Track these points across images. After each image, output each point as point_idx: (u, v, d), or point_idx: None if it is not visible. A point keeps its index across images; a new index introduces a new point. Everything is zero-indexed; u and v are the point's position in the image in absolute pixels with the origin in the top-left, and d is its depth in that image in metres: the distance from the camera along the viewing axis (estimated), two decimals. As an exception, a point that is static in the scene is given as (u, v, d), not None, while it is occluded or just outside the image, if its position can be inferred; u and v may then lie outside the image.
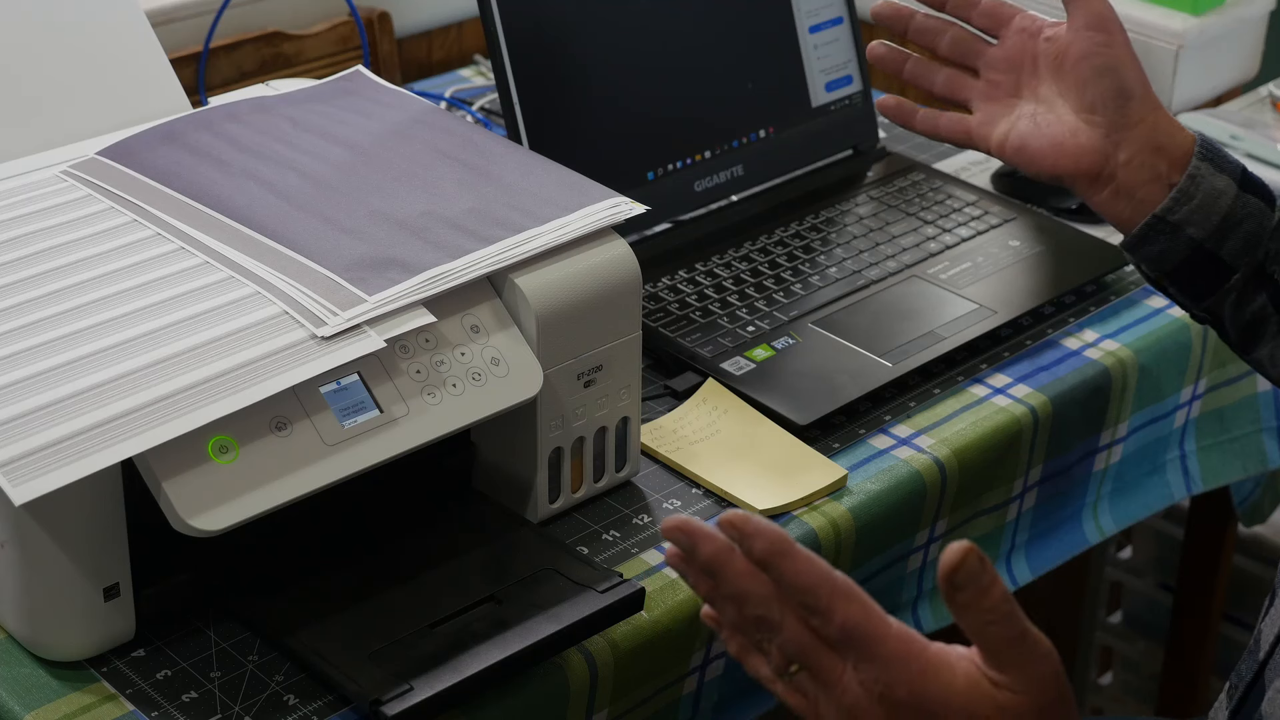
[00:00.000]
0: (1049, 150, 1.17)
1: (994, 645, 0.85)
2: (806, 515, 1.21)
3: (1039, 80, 1.19)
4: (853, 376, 1.32)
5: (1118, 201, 1.16)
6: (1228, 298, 1.15)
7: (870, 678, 0.85)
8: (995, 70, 1.21)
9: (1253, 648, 1.09)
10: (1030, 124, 1.18)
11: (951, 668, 0.86)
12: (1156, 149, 1.15)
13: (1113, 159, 1.15)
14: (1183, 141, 1.15)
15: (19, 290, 1.07)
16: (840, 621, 0.85)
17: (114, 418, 0.97)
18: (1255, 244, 1.14)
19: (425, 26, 1.84)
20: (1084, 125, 1.16)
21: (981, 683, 0.86)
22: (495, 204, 1.15)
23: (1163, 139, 1.15)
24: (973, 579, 0.84)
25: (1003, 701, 0.85)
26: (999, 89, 1.21)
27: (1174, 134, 1.16)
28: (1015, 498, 1.35)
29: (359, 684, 1.00)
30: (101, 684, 1.04)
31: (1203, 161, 1.14)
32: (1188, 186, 1.13)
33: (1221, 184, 1.14)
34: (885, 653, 0.86)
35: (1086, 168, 1.16)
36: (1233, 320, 1.17)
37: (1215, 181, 1.14)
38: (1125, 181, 1.15)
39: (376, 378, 1.05)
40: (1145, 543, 2.02)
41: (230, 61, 1.65)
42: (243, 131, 1.23)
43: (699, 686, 1.18)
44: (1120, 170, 1.15)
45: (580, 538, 1.17)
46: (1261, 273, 1.14)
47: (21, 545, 1.00)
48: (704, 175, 1.51)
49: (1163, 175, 1.15)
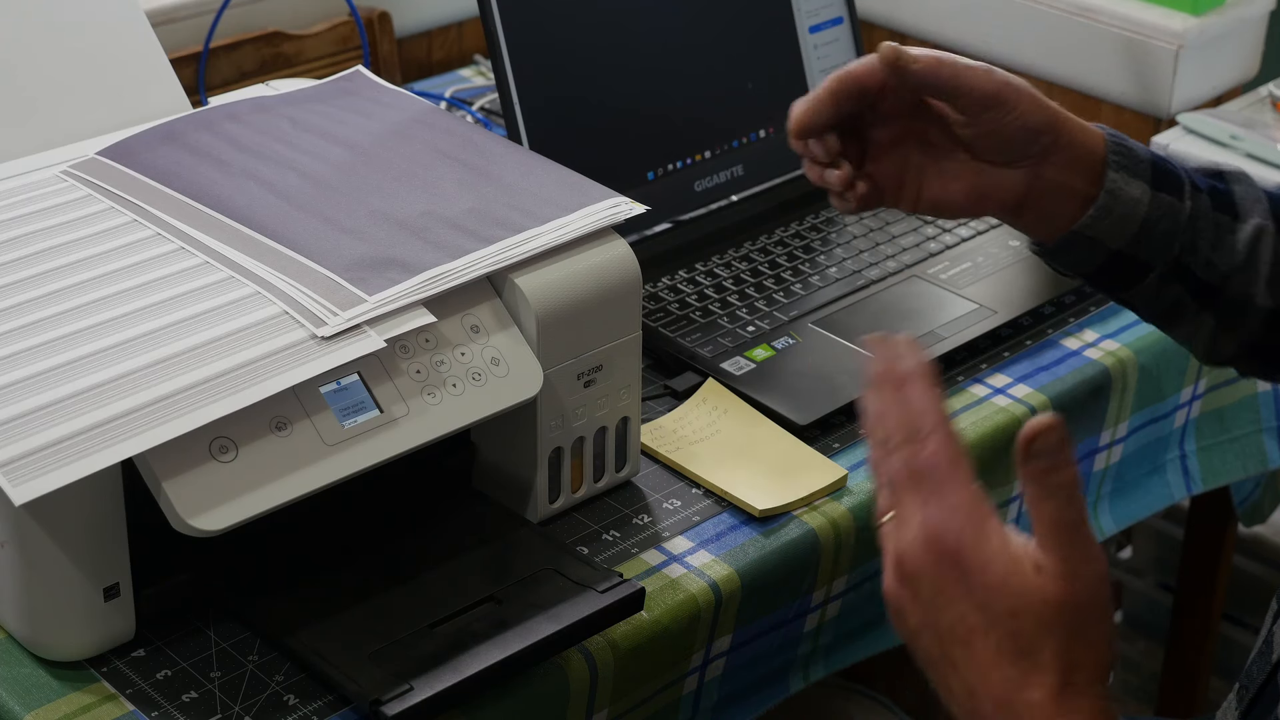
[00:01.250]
0: (968, 201, 1.13)
1: (1048, 523, 0.83)
2: (806, 515, 1.21)
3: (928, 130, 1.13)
4: (853, 376, 1.32)
5: (1036, 223, 1.14)
6: (1144, 291, 1.14)
7: (931, 517, 0.85)
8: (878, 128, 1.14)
9: (1264, 649, 1.09)
10: (938, 178, 1.13)
11: (1005, 539, 0.85)
12: (1072, 164, 1.12)
13: (1033, 189, 1.12)
14: (1095, 147, 1.12)
15: (19, 290, 1.07)
16: (929, 452, 0.86)
17: (114, 418, 0.97)
18: (1171, 241, 1.12)
19: (425, 26, 1.84)
20: (1000, 169, 1.12)
21: (1024, 563, 0.84)
22: (495, 204, 1.15)
23: (1078, 151, 1.12)
24: (1049, 452, 0.82)
25: (1039, 585, 0.84)
26: (887, 142, 1.14)
27: (1087, 143, 1.12)
28: (1015, 498, 1.35)
29: (359, 684, 1.00)
30: (101, 684, 1.04)
31: (1117, 172, 1.11)
32: (1106, 202, 1.11)
33: (1137, 191, 1.11)
34: (953, 499, 0.85)
35: (1009, 204, 1.13)
36: (1150, 307, 1.16)
37: (1130, 190, 1.11)
38: (1044, 207, 1.13)
39: (376, 378, 1.05)
40: (1145, 543, 2.02)
41: (230, 61, 1.65)
42: (243, 131, 1.23)
43: (699, 686, 1.18)
44: (1041, 197, 1.12)
45: (580, 538, 1.17)
46: (1177, 264, 1.13)
47: (21, 545, 1.00)
48: (704, 175, 1.51)
49: (1079, 190, 1.12)
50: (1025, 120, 1.10)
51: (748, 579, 1.16)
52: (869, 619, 1.29)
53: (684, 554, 1.17)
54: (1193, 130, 1.76)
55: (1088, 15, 1.83)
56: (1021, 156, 1.11)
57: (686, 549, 1.17)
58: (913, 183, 1.14)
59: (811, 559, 1.20)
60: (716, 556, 1.17)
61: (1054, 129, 1.11)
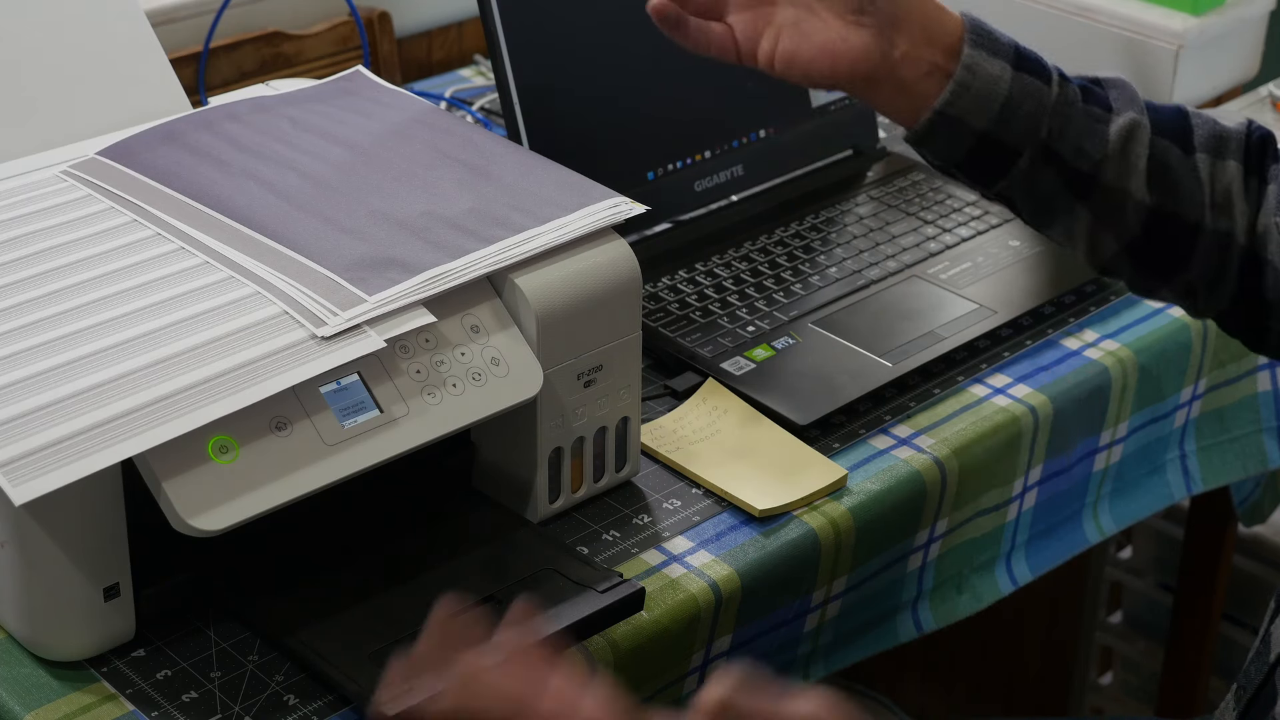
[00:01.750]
0: (821, 58, 1.13)
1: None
2: (806, 515, 1.21)
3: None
4: (853, 376, 1.32)
5: (897, 98, 1.14)
6: (1016, 179, 1.15)
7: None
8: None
9: (1261, 649, 1.09)
10: (795, 33, 1.14)
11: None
12: (929, 40, 1.12)
13: (888, 57, 1.12)
14: (953, 28, 1.13)
15: (19, 290, 1.07)
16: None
17: (114, 418, 0.97)
18: (1037, 123, 1.12)
19: (425, 26, 1.84)
20: (852, 28, 1.13)
21: None
22: (495, 204, 1.15)
23: (933, 28, 1.12)
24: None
25: None
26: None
27: (943, 21, 1.13)
28: (1015, 498, 1.35)
29: (359, 684, 1.00)
30: (101, 684, 1.04)
31: (975, 49, 1.12)
32: (964, 78, 1.11)
33: (997, 69, 1.12)
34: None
35: (863, 71, 1.13)
36: (1025, 200, 1.16)
37: (990, 67, 1.12)
38: (902, 78, 1.13)
39: (376, 378, 1.05)
40: (1145, 543, 2.02)
41: (230, 61, 1.65)
42: (243, 131, 1.23)
43: (699, 687, 1.18)
44: (896, 67, 1.13)
45: (580, 538, 1.17)
46: (1047, 150, 1.13)
47: (21, 545, 1.00)
48: (704, 175, 1.51)
49: (939, 66, 1.12)
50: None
51: (748, 579, 1.16)
52: (869, 619, 1.29)
53: (684, 554, 1.17)
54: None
55: (1088, 15, 1.83)
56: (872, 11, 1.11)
57: (686, 549, 1.17)
58: (769, 38, 1.14)
59: (811, 559, 1.20)
60: (716, 556, 1.17)
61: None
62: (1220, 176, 1.15)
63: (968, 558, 1.34)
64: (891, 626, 1.32)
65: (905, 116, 1.15)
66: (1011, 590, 1.38)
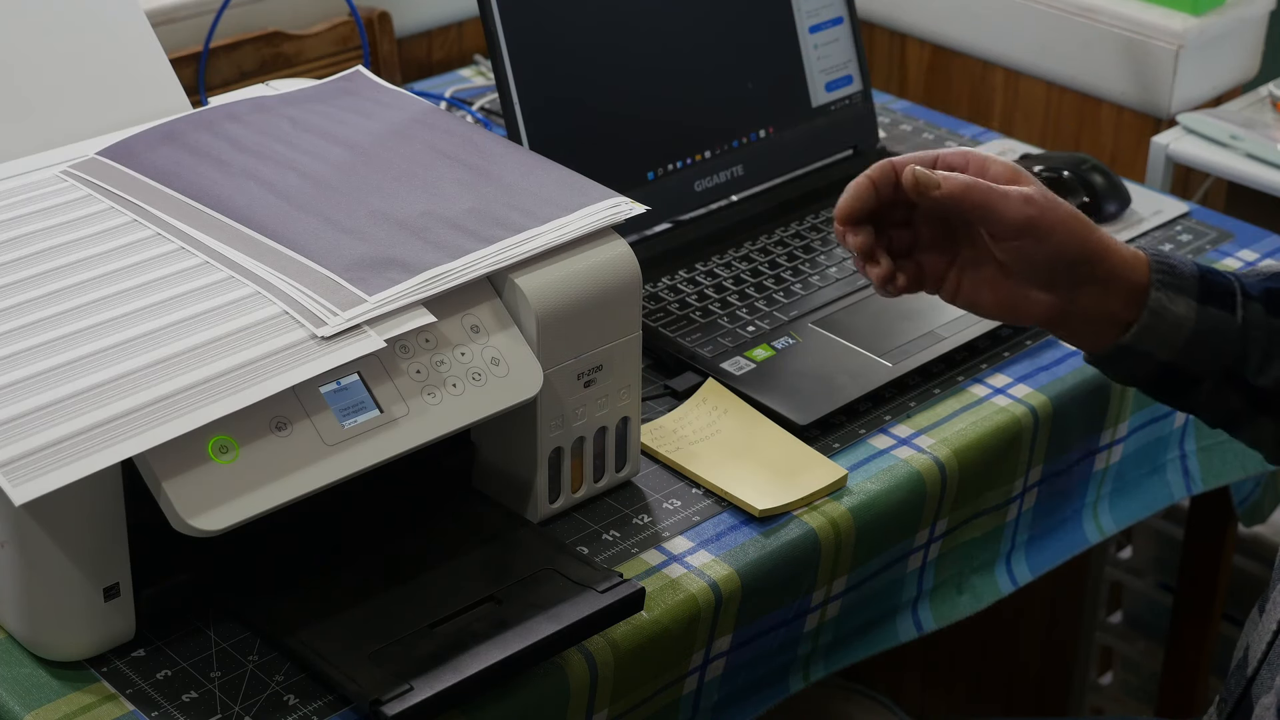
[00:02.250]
0: (1002, 313, 1.13)
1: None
2: (806, 515, 1.21)
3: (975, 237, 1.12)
4: (853, 376, 1.32)
5: (1076, 337, 1.14)
6: (1199, 401, 1.14)
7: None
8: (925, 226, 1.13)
9: (1241, 663, 1.09)
10: (977, 281, 1.12)
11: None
12: (1109, 295, 1.10)
13: (1069, 313, 1.11)
14: (1137, 279, 1.10)
15: (19, 290, 1.07)
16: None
17: (114, 418, 0.97)
18: (1220, 353, 1.12)
19: (425, 26, 1.84)
20: (1033, 289, 1.11)
21: None
22: (495, 204, 1.15)
23: (1117, 284, 1.10)
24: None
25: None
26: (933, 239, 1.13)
27: (1126, 275, 1.10)
28: (1015, 498, 1.35)
29: (359, 684, 1.00)
30: (101, 684, 1.04)
31: (1160, 291, 1.10)
32: (1150, 322, 1.10)
33: (1182, 309, 1.10)
34: None
35: (1043, 321, 1.12)
36: (1208, 414, 1.16)
37: (1176, 308, 1.10)
38: (1081, 327, 1.12)
39: (376, 378, 1.05)
40: (1145, 543, 2.01)
41: (230, 61, 1.65)
42: (243, 131, 1.23)
43: (699, 686, 1.18)
44: (1075, 319, 1.12)
45: (580, 538, 1.17)
46: (1229, 374, 1.12)
47: (21, 545, 1.00)
48: (704, 175, 1.51)
49: (1118, 314, 1.11)
50: (1060, 251, 1.08)
51: (748, 579, 1.16)
52: (869, 619, 1.29)
53: (684, 554, 1.17)
54: (1193, 130, 1.76)
55: (1088, 15, 1.83)
56: (1056, 284, 1.10)
57: (686, 549, 1.17)
58: (954, 278, 1.13)
59: (811, 559, 1.20)
60: (716, 556, 1.17)
61: (1092, 260, 1.09)
62: None
63: (968, 558, 1.34)
64: (891, 626, 1.32)
65: (1086, 346, 1.14)
66: (1011, 590, 1.38)
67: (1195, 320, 1.10)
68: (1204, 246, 1.54)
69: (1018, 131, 1.94)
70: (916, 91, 2.03)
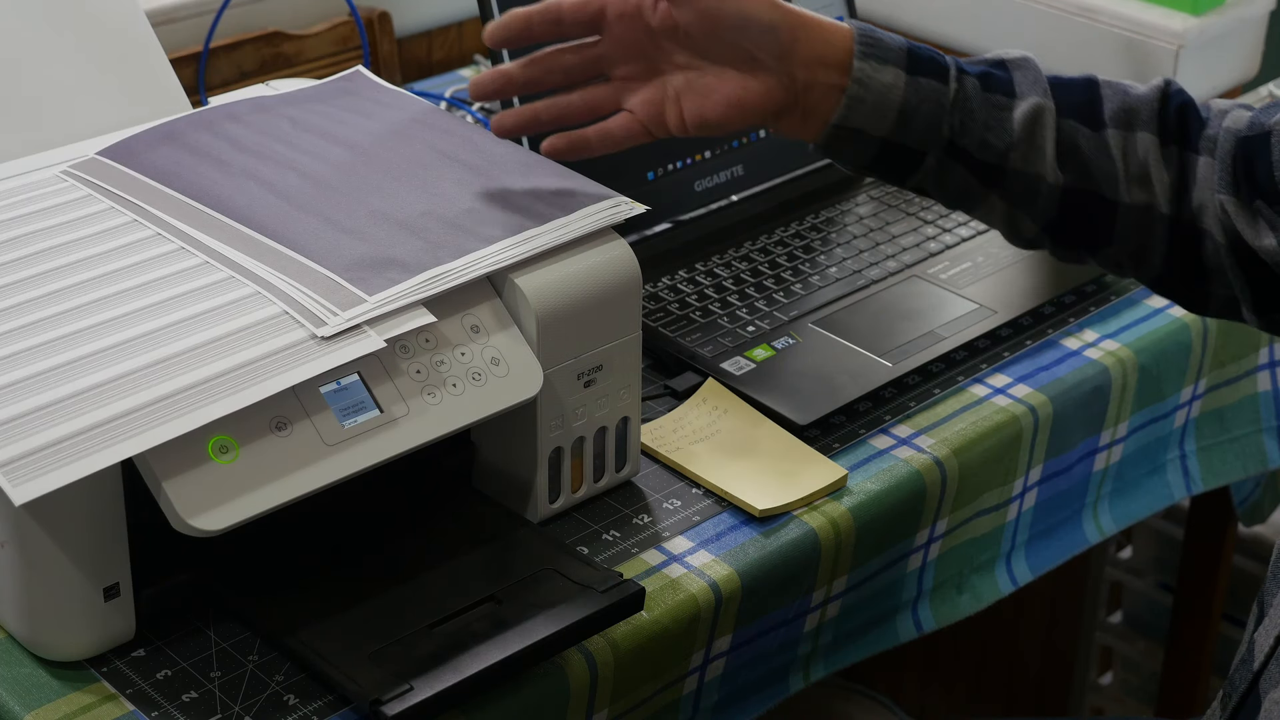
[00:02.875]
0: (730, 111, 1.14)
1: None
2: (806, 515, 1.21)
3: (671, 51, 1.15)
4: (853, 376, 1.32)
5: (802, 123, 1.15)
6: (926, 177, 1.16)
7: None
8: (621, 65, 1.16)
9: (1246, 658, 1.09)
10: (694, 95, 1.14)
11: None
12: (822, 61, 1.13)
13: (790, 90, 1.13)
14: (843, 43, 1.13)
15: (19, 290, 1.07)
16: None
17: (114, 418, 0.97)
18: (938, 123, 1.13)
19: (425, 26, 1.84)
20: (748, 75, 1.13)
21: None
22: (495, 204, 1.15)
23: (823, 48, 1.13)
24: None
25: None
26: (637, 78, 1.16)
27: (832, 39, 1.13)
28: (1015, 498, 1.35)
29: (359, 684, 1.00)
30: (101, 684, 1.04)
31: (865, 60, 1.12)
32: (856, 91, 1.12)
33: (889, 77, 1.13)
34: None
35: (773, 109, 1.14)
36: (938, 193, 1.18)
37: (882, 76, 1.12)
38: (802, 107, 1.14)
39: (376, 378, 1.05)
40: (1145, 543, 2.02)
41: (230, 61, 1.65)
42: (243, 131, 1.23)
43: (699, 686, 1.18)
44: (800, 96, 1.14)
45: (580, 538, 1.17)
46: (951, 147, 1.14)
47: (21, 545, 1.00)
48: (704, 175, 1.51)
49: (835, 84, 1.13)
50: (746, 10, 1.12)
51: (748, 579, 1.16)
52: (869, 619, 1.29)
53: (684, 554, 1.17)
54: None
55: (1088, 15, 1.83)
56: (760, 61, 1.12)
57: (686, 549, 1.17)
58: (672, 107, 1.15)
59: (811, 559, 1.20)
60: (716, 556, 1.17)
61: (790, 27, 1.12)
62: (1133, 150, 1.16)
63: (968, 558, 1.34)
64: (891, 626, 1.32)
65: (809, 136, 1.16)
66: (1011, 590, 1.38)
67: (904, 89, 1.12)
68: (1204, 246, 1.54)
69: (1018, 131, 1.94)
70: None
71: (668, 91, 1.15)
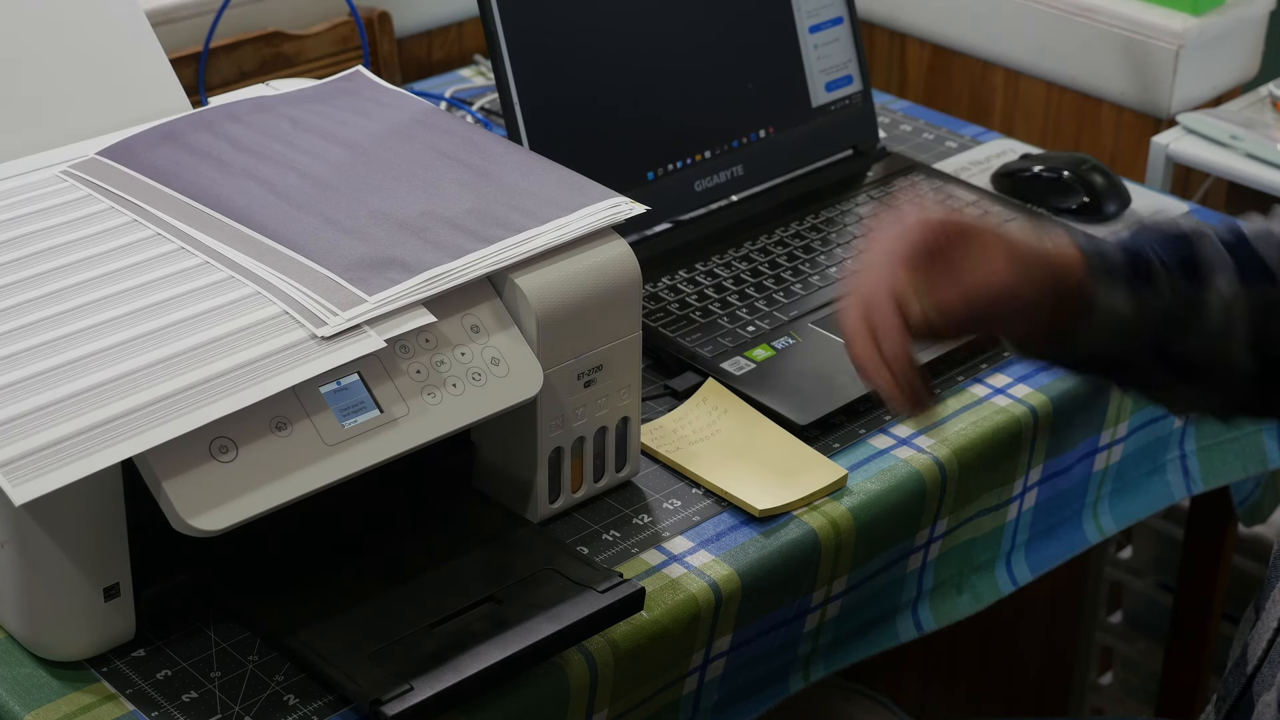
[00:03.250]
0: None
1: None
2: (806, 515, 1.21)
3: None
4: (853, 376, 1.31)
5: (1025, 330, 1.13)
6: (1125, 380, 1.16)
7: None
8: None
9: (1239, 662, 1.09)
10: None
11: None
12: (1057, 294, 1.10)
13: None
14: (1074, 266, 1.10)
15: (19, 290, 1.07)
16: None
17: (114, 418, 0.97)
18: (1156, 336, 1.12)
19: (425, 26, 1.84)
20: None
21: None
22: (495, 204, 1.15)
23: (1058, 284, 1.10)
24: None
25: None
26: None
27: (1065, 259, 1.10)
28: (1015, 498, 1.35)
29: (359, 684, 1.00)
30: (101, 684, 1.04)
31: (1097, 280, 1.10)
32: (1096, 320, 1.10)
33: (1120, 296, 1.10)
34: None
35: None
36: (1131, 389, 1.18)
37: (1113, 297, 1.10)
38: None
39: (376, 378, 1.05)
40: (1145, 543, 2.01)
41: (230, 61, 1.65)
42: (243, 131, 1.23)
43: (699, 686, 1.18)
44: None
45: (580, 538, 1.17)
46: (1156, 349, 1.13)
47: (21, 545, 1.00)
48: (704, 175, 1.51)
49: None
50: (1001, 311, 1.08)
51: (748, 579, 1.16)
52: (869, 619, 1.29)
53: (684, 554, 1.17)
54: (1193, 130, 1.76)
55: (1088, 15, 1.83)
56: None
57: (686, 549, 1.17)
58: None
59: (811, 559, 1.20)
60: (716, 556, 1.17)
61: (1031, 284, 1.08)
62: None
63: (968, 558, 1.34)
64: (891, 626, 1.32)
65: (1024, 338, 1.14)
66: (1011, 590, 1.38)
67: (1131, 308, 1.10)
68: (1204, 246, 1.54)
69: (1018, 131, 1.94)
70: (916, 91, 2.03)
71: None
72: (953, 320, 1.07)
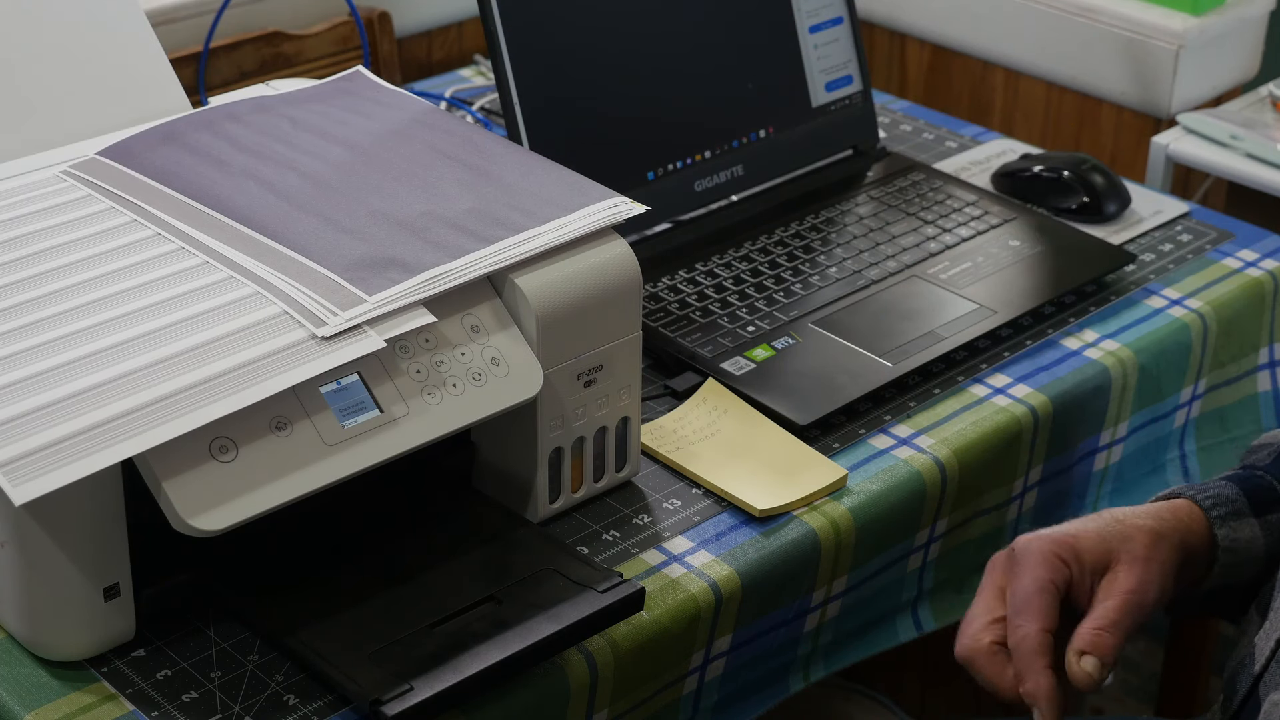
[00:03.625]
0: None
1: None
2: (806, 515, 1.21)
3: None
4: (853, 376, 1.32)
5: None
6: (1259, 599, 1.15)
7: None
8: None
9: (1246, 661, 1.09)
10: None
11: None
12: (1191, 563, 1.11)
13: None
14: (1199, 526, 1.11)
15: (19, 290, 1.07)
16: None
17: (114, 418, 0.97)
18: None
19: (425, 26, 1.84)
20: None
21: None
22: (495, 204, 1.15)
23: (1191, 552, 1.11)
24: None
25: None
26: None
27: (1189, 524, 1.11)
28: (1015, 498, 1.35)
29: (359, 684, 1.00)
30: (101, 684, 1.04)
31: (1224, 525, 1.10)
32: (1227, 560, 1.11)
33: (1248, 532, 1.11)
34: None
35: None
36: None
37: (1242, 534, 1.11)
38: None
39: (376, 378, 1.05)
40: (1145, 543, 2.01)
41: (230, 61, 1.65)
42: (243, 131, 1.23)
43: (699, 686, 1.18)
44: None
45: (580, 538, 1.17)
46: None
47: (21, 545, 1.00)
48: (704, 175, 1.51)
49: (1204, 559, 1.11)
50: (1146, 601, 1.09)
51: (748, 579, 1.16)
52: (869, 619, 1.29)
53: (684, 554, 1.17)
54: (1193, 130, 1.76)
55: (1088, 15, 1.83)
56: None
57: (686, 549, 1.17)
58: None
59: (811, 559, 1.20)
60: (716, 556, 1.17)
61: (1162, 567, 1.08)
62: None
63: (968, 558, 1.34)
64: (891, 626, 1.32)
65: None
66: (1011, 590, 1.37)
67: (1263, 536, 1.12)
68: (1204, 247, 1.55)
69: (1018, 131, 1.94)
70: (916, 91, 2.04)
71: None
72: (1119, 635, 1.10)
